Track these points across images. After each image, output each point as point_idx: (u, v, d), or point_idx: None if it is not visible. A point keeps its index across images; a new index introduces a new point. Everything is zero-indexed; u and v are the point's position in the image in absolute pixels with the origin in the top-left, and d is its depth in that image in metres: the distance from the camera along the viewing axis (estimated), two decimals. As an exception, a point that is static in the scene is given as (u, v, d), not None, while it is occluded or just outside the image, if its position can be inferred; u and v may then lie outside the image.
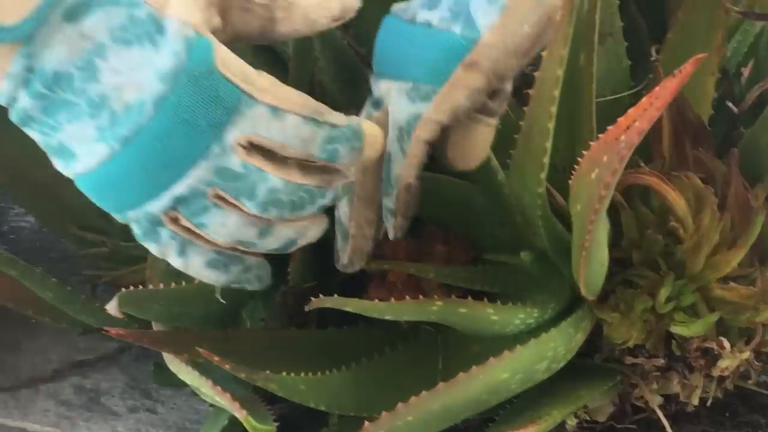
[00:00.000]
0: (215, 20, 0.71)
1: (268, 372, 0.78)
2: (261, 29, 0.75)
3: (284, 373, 0.78)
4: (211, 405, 1.05)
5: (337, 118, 0.72)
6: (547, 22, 0.73)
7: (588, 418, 0.91)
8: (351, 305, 0.77)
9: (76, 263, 1.19)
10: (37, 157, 1.10)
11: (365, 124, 0.74)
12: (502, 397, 0.80)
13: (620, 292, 0.85)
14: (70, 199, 1.12)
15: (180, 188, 0.70)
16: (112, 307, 0.82)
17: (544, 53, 0.71)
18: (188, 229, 0.73)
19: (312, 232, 0.76)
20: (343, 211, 0.81)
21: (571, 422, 0.90)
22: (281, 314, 0.96)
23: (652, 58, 0.91)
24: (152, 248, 0.74)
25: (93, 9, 0.67)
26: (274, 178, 0.71)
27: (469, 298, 0.78)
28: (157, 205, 0.71)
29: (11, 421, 1.11)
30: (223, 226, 0.72)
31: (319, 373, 0.81)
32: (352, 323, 0.96)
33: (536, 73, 0.72)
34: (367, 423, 0.73)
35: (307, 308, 0.75)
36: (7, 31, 0.65)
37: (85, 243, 1.15)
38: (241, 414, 0.77)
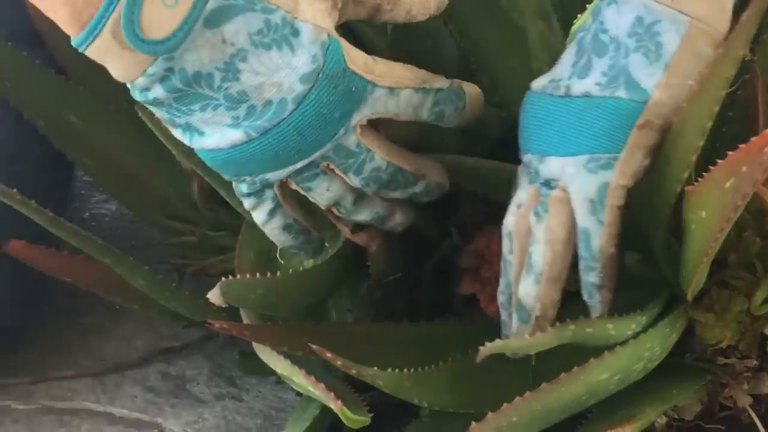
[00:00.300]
0: (335, 16, 0.77)
1: (376, 368, 0.79)
2: (366, 17, 0.82)
3: (390, 370, 0.79)
4: (298, 394, 1.06)
5: (441, 81, 0.83)
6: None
7: (676, 416, 0.91)
8: (507, 347, 0.79)
9: (158, 251, 1.21)
10: (125, 144, 1.13)
11: (466, 85, 0.85)
12: (600, 397, 0.80)
13: (715, 293, 0.84)
14: (157, 187, 1.15)
15: (301, 164, 0.79)
16: (214, 295, 0.84)
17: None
18: (284, 195, 0.83)
19: (399, 217, 0.88)
20: (526, 291, 0.80)
21: (661, 420, 0.90)
22: (368, 306, 0.97)
23: (748, 58, 0.90)
24: (248, 202, 0.84)
25: (232, 15, 0.72)
26: (379, 158, 0.82)
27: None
28: (276, 175, 0.80)
29: (99, 406, 1.13)
30: (328, 190, 0.82)
31: (419, 369, 0.82)
32: (441, 315, 0.97)
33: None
34: (473, 423, 0.74)
35: (477, 359, 0.75)
36: (159, 44, 0.70)
37: (171, 232, 1.17)
38: (336, 404, 0.77)
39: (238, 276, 0.90)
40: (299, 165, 0.79)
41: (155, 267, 1.03)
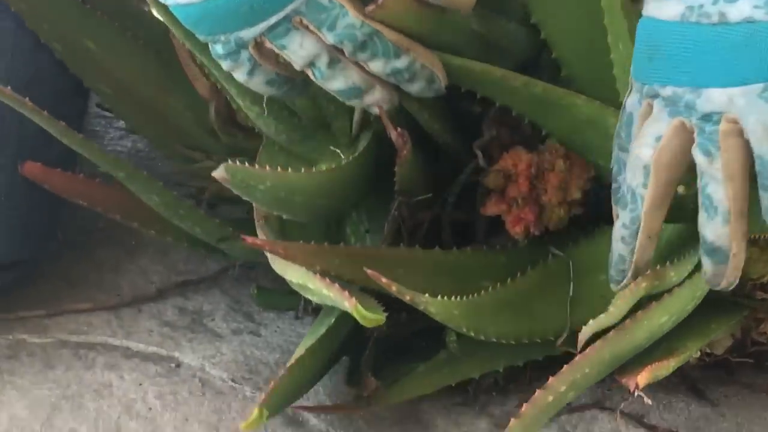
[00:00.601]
0: None
1: (427, 295, 0.78)
2: None
3: (440, 297, 0.79)
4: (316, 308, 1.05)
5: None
6: None
7: (708, 351, 0.90)
8: (599, 324, 0.78)
9: (173, 188, 1.19)
10: (142, 71, 1.11)
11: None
12: (656, 338, 0.80)
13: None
14: (174, 116, 1.13)
15: (274, 18, 0.81)
16: (219, 173, 0.81)
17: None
18: (261, 54, 0.84)
19: (379, 93, 0.87)
20: (717, 233, 0.75)
21: (695, 355, 0.89)
22: (392, 227, 0.95)
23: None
24: (226, 65, 0.86)
25: None
26: (351, 15, 0.82)
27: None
28: (250, 32, 0.82)
29: (115, 340, 1.12)
30: (301, 47, 0.83)
31: (467, 297, 0.81)
32: (470, 241, 0.96)
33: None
34: (551, 378, 0.76)
35: (578, 344, 0.75)
36: None
37: (189, 162, 1.16)
38: (350, 303, 0.77)
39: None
40: (272, 20, 0.81)
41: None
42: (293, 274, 0.83)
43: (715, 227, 0.75)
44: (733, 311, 0.86)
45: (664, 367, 0.78)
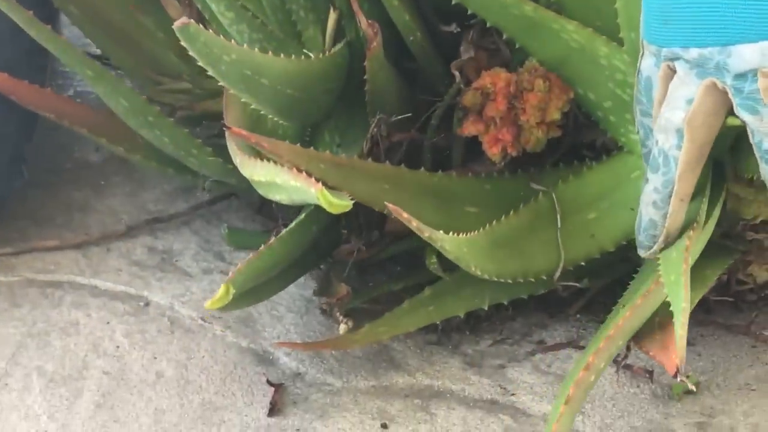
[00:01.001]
0: None
1: (441, 232, 0.77)
2: None
3: (452, 234, 0.78)
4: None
5: None
6: None
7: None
8: None
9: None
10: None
11: None
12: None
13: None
14: (145, 41, 1.11)
15: None
16: (179, 26, 0.74)
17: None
18: None
19: None
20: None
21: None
22: (370, 144, 0.93)
23: None
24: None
25: None
26: None
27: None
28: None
29: (83, 278, 1.11)
30: None
31: (466, 235, 0.80)
32: (448, 167, 0.95)
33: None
34: (591, 356, 0.76)
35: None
36: None
37: (157, 84, 1.13)
38: (316, 187, 0.75)
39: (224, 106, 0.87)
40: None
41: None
42: (261, 171, 0.81)
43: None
44: (725, 254, 0.86)
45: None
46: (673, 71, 0.74)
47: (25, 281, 1.10)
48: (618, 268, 0.93)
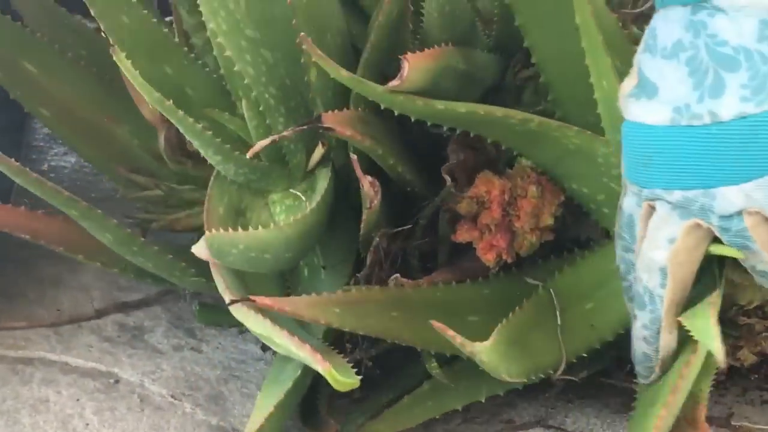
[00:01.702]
0: None
1: (479, 343, 0.77)
2: None
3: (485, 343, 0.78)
4: (264, 348, 1.04)
5: None
6: None
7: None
8: None
9: (119, 205, 1.18)
10: (85, 95, 1.10)
11: None
12: None
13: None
14: (118, 140, 1.12)
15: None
16: (200, 249, 0.81)
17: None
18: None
19: None
20: None
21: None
22: (373, 260, 0.93)
23: None
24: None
25: None
26: None
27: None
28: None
29: (54, 355, 1.11)
30: None
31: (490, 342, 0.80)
32: (432, 268, 0.95)
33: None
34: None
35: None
36: None
37: (133, 186, 1.13)
38: (324, 366, 0.75)
39: (209, 231, 0.85)
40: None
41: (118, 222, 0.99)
42: (257, 325, 0.80)
43: None
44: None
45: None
46: (654, 209, 0.75)
47: (-4, 357, 1.10)
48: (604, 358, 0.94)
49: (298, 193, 0.94)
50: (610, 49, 0.78)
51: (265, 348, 1.09)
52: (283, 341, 0.78)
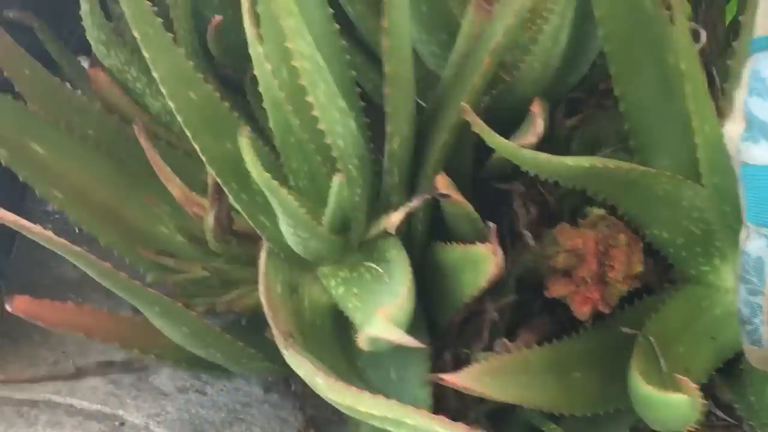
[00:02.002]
0: None
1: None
2: None
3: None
4: (267, 391, 1.03)
5: None
6: None
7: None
8: None
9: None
10: (96, 175, 1.06)
11: None
12: None
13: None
14: (135, 221, 1.08)
15: None
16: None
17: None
18: None
19: None
20: None
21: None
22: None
23: None
24: None
25: None
26: None
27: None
28: None
29: (59, 397, 1.11)
30: None
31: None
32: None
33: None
34: None
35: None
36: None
37: (161, 268, 1.08)
38: None
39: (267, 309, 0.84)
40: None
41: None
42: (374, 405, 0.75)
43: None
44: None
45: None
46: None
47: (1, 400, 1.10)
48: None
49: (361, 264, 0.91)
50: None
51: (268, 390, 1.10)
52: (419, 421, 0.73)
